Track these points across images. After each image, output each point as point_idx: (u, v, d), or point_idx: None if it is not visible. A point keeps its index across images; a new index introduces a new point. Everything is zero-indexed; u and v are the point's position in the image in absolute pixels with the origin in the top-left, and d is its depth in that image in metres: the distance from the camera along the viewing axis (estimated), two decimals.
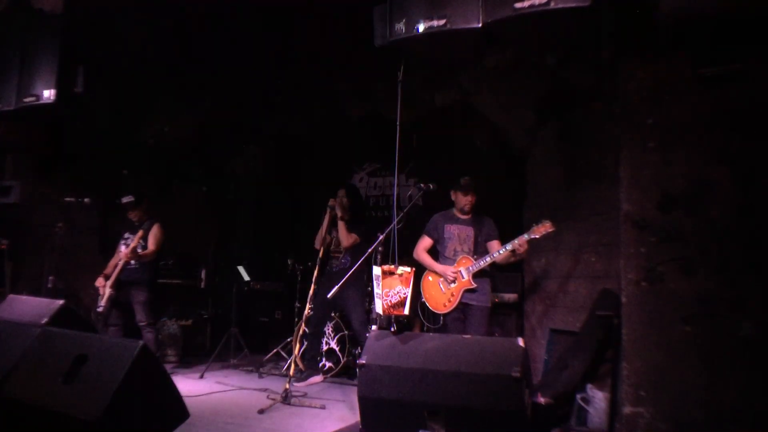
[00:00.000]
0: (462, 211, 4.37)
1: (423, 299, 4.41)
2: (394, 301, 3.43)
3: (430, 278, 4.35)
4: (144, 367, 2.78)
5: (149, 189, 6.20)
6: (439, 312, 4.30)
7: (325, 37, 5.01)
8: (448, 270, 4.22)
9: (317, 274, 4.66)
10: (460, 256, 4.26)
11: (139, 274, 5.02)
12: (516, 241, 4.03)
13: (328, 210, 4.99)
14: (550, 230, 3.98)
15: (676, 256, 3.19)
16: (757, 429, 2.93)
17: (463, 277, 4.19)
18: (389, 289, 3.43)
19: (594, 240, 4.41)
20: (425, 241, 4.44)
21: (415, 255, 4.44)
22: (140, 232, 4.95)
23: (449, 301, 4.20)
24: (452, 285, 4.20)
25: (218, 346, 5.66)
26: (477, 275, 4.19)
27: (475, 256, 4.23)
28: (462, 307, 4.20)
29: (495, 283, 4.70)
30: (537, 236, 3.99)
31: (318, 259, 4.77)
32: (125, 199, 5.12)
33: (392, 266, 3.47)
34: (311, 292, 4.55)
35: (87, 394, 2.68)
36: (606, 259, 4.25)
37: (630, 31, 3.37)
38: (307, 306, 4.73)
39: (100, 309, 4.87)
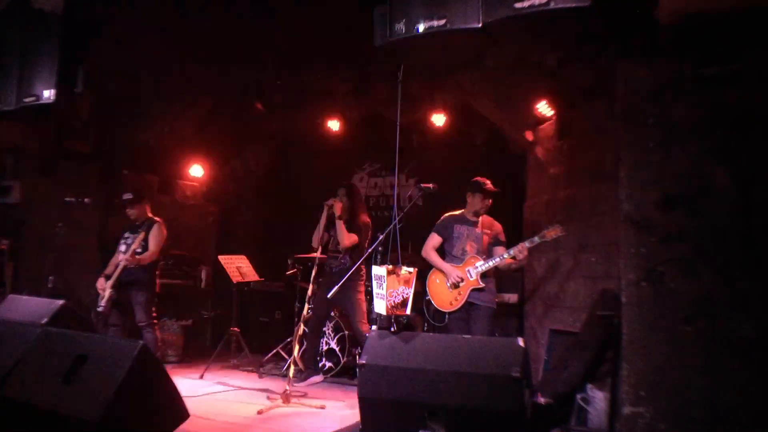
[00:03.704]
0: (476, 214, 4.37)
1: (428, 297, 4.42)
2: (397, 301, 3.43)
3: (437, 277, 4.35)
4: (144, 367, 2.78)
5: (149, 189, 6.20)
6: (444, 310, 4.30)
7: (325, 37, 5.01)
8: (455, 270, 4.22)
9: (315, 273, 4.65)
10: (469, 256, 4.27)
11: (139, 275, 5.01)
12: (518, 248, 4.06)
13: (325, 208, 4.98)
14: (561, 234, 4.04)
15: (676, 256, 3.19)
16: (757, 429, 2.93)
17: (470, 277, 4.20)
18: (393, 289, 3.43)
19: (594, 240, 4.42)
20: (434, 240, 4.45)
21: (423, 253, 4.45)
22: (142, 234, 4.92)
23: (456, 300, 4.21)
24: (460, 284, 4.20)
25: (218, 346, 5.65)
26: (484, 276, 4.20)
27: (483, 257, 4.25)
28: (467, 307, 4.20)
29: (496, 283, 4.71)
30: (547, 239, 4.05)
31: (316, 259, 4.76)
32: (126, 196, 5.11)
33: (396, 266, 3.47)
34: (309, 291, 4.55)
35: (87, 394, 2.68)
36: (606, 259, 4.25)
37: (630, 31, 3.37)
38: (306, 306, 4.72)
39: (100, 309, 4.86)
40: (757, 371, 2.99)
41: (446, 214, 4.52)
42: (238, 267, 5.90)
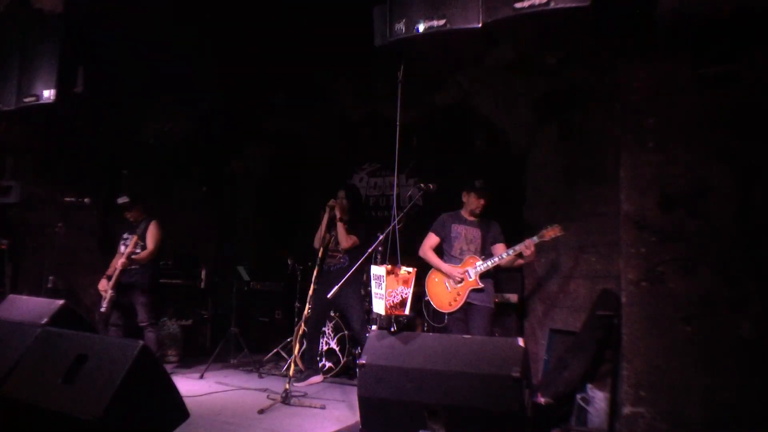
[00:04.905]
0: (472, 213, 4.38)
1: (427, 298, 4.41)
2: (396, 301, 3.43)
3: (436, 277, 4.35)
4: (144, 367, 2.77)
5: (149, 189, 6.20)
6: (443, 311, 4.30)
7: (325, 37, 5.01)
8: (455, 271, 4.22)
9: (317, 273, 4.66)
10: (467, 256, 4.26)
11: (139, 276, 5.02)
12: (523, 245, 4.05)
13: (327, 209, 4.99)
14: (559, 234, 4.04)
15: (676, 256, 3.20)
16: (757, 429, 2.93)
17: (470, 277, 4.19)
18: (392, 289, 3.43)
19: (594, 240, 4.41)
20: (432, 239, 4.45)
21: (421, 252, 4.45)
22: (135, 238, 4.92)
23: (455, 300, 4.21)
24: (459, 284, 4.20)
25: (218, 346, 5.65)
26: (482, 276, 4.20)
27: (482, 257, 4.24)
28: (466, 307, 4.20)
29: (495, 283, 4.71)
30: (546, 239, 4.05)
31: (318, 259, 4.77)
32: (120, 200, 5.12)
33: (395, 266, 3.47)
34: (311, 291, 4.56)
35: (87, 394, 2.68)
36: (606, 259, 4.25)
37: (630, 31, 3.37)
38: (307, 306, 4.73)
39: (102, 310, 4.88)
40: (756, 371, 2.99)
41: (443, 214, 4.52)
42: None
